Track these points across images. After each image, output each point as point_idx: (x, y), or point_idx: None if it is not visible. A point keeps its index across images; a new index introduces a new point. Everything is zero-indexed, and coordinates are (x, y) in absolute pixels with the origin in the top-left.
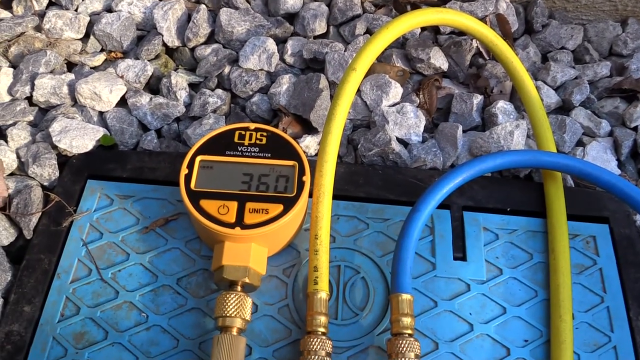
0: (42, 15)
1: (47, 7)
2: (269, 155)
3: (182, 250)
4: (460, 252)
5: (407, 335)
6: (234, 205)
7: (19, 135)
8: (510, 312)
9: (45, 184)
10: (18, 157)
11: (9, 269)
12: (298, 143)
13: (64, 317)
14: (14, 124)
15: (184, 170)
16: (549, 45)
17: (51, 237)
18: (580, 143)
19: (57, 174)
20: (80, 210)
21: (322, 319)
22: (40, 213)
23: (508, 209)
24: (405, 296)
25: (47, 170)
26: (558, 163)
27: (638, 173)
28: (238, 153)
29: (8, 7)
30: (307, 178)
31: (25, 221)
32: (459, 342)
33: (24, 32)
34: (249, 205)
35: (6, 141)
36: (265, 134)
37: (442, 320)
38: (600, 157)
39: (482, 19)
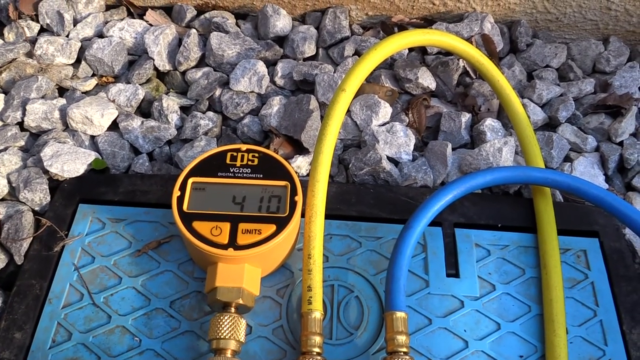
0: (33, 41)
1: (39, 33)
2: (261, 175)
3: (175, 273)
4: (453, 269)
5: (402, 353)
6: (226, 226)
7: (10, 161)
8: (505, 328)
9: (37, 208)
10: (9, 182)
11: (0, 295)
12: (289, 163)
13: (56, 343)
14: (5, 149)
15: (176, 192)
16: (533, 64)
17: (42, 262)
18: (567, 159)
19: (49, 198)
20: (72, 234)
21: (317, 339)
22: (31, 238)
23: (499, 225)
24: (400, 314)
25: (38, 195)
26: (547, 178)
27: (625, 187)
28: (230, 174)
29: (0, 34)
30: (299, 198)
31: (16, 247)
32: (454, 359)
33: (16, 58)
34: (242, 226)
35: None
36: (256, 155)
37: (437, 338)
38: (587, 172)
39: (468, 40)
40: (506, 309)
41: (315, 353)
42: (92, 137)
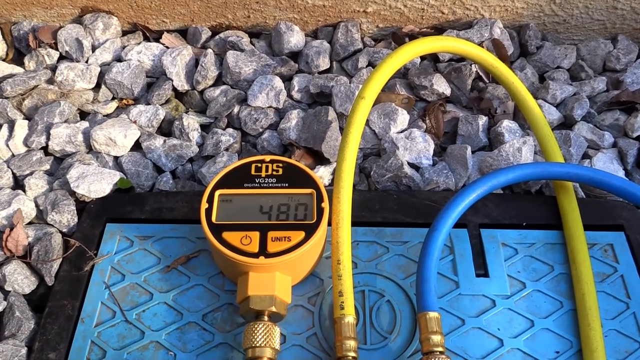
0: (53, 68)
1: (58, 60)
2: (287, 184)
3: (205, 287)
4: (482, 269)
5: (438, 352)
6: (256, 235)
7: (37, 185)
8: (538, 325)
9: (65, 230)
10: (36, 205)
11: (32, 317)
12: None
13: None
14: (31, 173)
15: (204, 205)
16: (544, 66)
17: (73, 282)
18: (586, 156)
19: (76, 219)
20: (101, 253)
21: (352, 344)
22: (61, 259)
23: (524, 224)
24: (433, 314)
25: (65, 217)
26: (569, 173)
27: None
28: (256, 185)
29: (20, 63)
30: (325, 204)
31: (47, 268)
32: (490, 358)
33: (37, 85)
34: (271, 234)
35: (24, 191)
36: (281, 164)
37: (471, 338)
38: (607, 167)
39: (479, 45)
40: (538, 306)
41: (350, 357)
42: (116, 158)
